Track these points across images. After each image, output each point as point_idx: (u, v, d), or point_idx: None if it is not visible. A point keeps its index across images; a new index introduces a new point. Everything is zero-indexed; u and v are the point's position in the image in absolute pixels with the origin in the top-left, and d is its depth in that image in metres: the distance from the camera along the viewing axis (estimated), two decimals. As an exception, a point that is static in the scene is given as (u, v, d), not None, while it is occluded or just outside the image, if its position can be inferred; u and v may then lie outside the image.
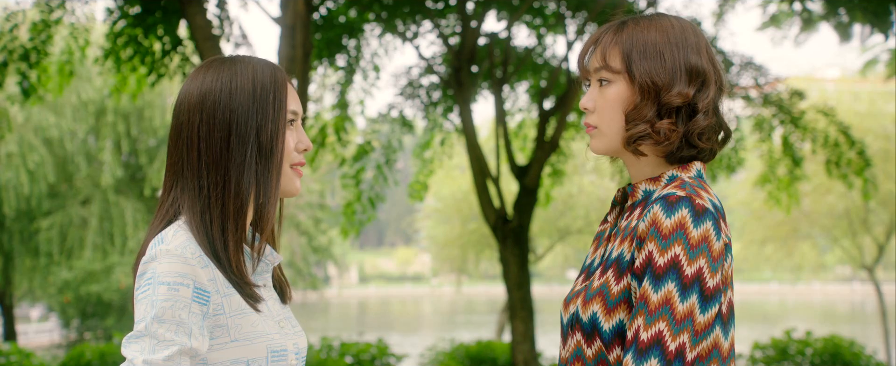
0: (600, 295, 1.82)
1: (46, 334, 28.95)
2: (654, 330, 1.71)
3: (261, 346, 1.78)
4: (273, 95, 1.83)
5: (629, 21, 1.91)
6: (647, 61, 1.85)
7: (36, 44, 8.34)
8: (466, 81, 9.31)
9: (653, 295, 1.72)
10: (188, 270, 1.73)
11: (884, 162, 16.84)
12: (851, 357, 10.40)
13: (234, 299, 1.77)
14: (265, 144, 1.80)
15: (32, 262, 17.89)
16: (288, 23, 7.08)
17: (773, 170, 10.95)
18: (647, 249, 1.75)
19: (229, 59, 1.86)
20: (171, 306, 1.70)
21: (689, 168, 1.88)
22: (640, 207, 1.86)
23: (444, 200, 22.95)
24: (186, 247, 1.75)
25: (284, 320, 1.89)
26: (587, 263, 1.96)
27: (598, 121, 1.89)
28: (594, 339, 1.82)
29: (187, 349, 1.70)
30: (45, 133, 16.51)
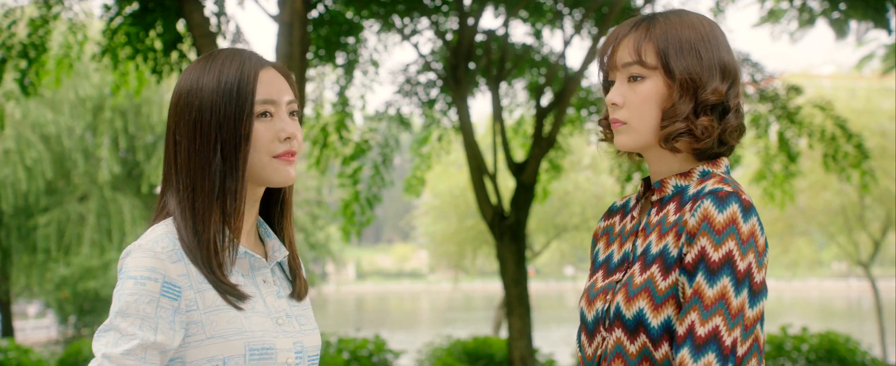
0: (647, 291, 1.81)
1: (44, 330, 28.95)
2: (711, 325, 1.72)
3: (237, 343, 1.76)
4: (237, 88, 1.80)
5: (657, 17, 1.89)
6: (684, 58, 1.85)
7: (34, 40, 8.34)
8: (463, 79, 9.33)
9: (708, 290, 1.73)
10: (157, 265, 1.73)
11: (880, 159, 16.87)
12: (847, 353, 10.45)
13: (209, 295, 1.76)
14: (228, 141, 1.79)
15: (30, 258, 17.89)
16: (285, 20, 7.10)
17: (769, 166, 10.99)
18: (699, 245, 1.76)
19: (207, 56, 1.86)
20: (135, 300, 1.71)
21: (718, 164, 1.89)
22: (674, 203, 1.87)
23: (441, 196, 22.97)
24: (158, 242, 1.76)
25: (287, 317, 1.85)
26: (602, 259, 1.97)
27: (629, 116, 1.86)
28: (638, 335, 1.81)
29: (149, 344, 1.69)
30: (43, 129, 16.52)
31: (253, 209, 1.89)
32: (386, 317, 41.60)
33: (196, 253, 1.77)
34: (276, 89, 1.83)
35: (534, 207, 11.60)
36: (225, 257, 1.79)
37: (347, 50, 9.94)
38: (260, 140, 1.80)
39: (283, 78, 1.87)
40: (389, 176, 10.79)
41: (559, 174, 11.88)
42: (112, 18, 8.18)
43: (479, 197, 9.42)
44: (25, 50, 8.27)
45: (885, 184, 17.05)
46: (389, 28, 9.98)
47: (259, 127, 1.80)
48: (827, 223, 19.66)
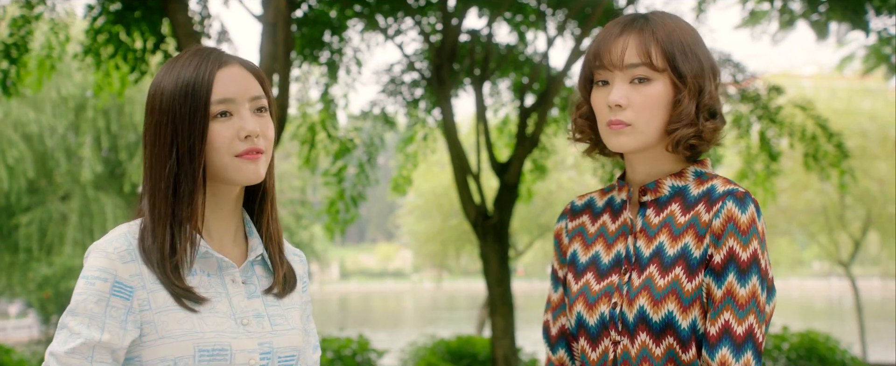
0: (674, 293, 1.80)
1: (25, 330, 28.80)
2: (747, 324, 1.76)
3: (187, 344, 1.75)
4: (192, 88, 1.78)
5: (650, 18, 1.88)
6: (688, 62, 1.85)
7: (16, 39, 8.29)
8: (447, 79, 9.35)
9: (740, 290, 1.76)
10: (108, 265, 1.75)
11: (860, 159, 17.02)
12: (827, 352, 10.54)
13: (161, 295, 1.76)
14: (183, 143, 1.78)
15: (12, 258, 17.81)
16: (269, 20, 7.11)
17: (751, 166, 11.06)
18: (727, 246, 1.78)
19: (174, 58, 1.86)
20: (84, 299, 1.74)
21: (705, 164, 1.91)
22: (676, 203, 1.87)
23: (424, 196, 23.00)
24: (112, 242, 1.78)
25: (256, 317, 1.83)
26: (585, 261, 1.94)
27: (635, 118, 1.84)
28: (664, 337, 1.81)
29: (95, 342, 1.71)
30: (25, 129, 16.45)
31: (229, 209, 1.88)
32: (369, 316, 41.58)
33: (151, 255, 1.77)
34: (235, 87, 1.80)
35: (517, 206, 11.64)
36: (183, 259, 1.78)
37: (331, 49, 9.95)
38: (218, 140, 1.79)
39: (249, 74, 1.84)
40: (374, 175, 10.81)
41: (543, 175, 11.92)
42: (95, 18, 8.14)
43: (463, 197, 9.44)
44: (7, 50, 8.21)
45: (865, 184, 17.20)
46: (373, 28, 9.99)
47: (217, 127, 1.79)
48: (808, 223, 19.80)
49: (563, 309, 2.01)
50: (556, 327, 2.02)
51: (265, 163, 1.83)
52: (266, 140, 1.82)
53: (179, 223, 1.79)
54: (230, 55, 1.86)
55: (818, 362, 10.52)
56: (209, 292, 1.81)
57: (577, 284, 1.93)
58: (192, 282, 1.80)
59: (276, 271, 1.91)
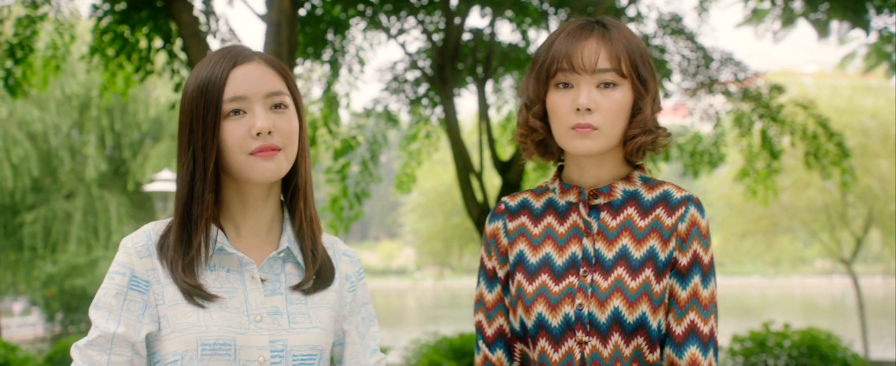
0: (646, 295, 1.84)
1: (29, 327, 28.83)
2: (711, 324, 1.88)
3: (191, 337, 1.76)
4: (206, 88, 1.79)
5: (608, 24, 1.89)
6: (647, 69, 1.89)
7: (21, 39, 8.31)
8: (450, 78, 9.39)
9: (703, 291, 1.87)
10: (126, 260, 1.80)
11: (862, 157, 17.04)
12: (828, 349, 10.53)
13: (171, 290, 1.78)
14: (197, 143, 1.79)
15: (17, 256, 17.87)
16: (273, 20, 7.13)
17: (753, 164, 11.09)
18: (692, 249, 1.87)
19: (206, 56, 1.87)
20: (104, 293, 1.80)
21: (644, 169, 1.97)
22: (632, 207, 1.91)
23: (427, 194, 23.03)
24: (134, 238, 1.83)
25: (273, 314, 1.81)
26: (535, 262, 1.93)
27: (602, 122, 1.85)
28: (635, 338, 1.85)
29: (111, 335, 1.76)
30: (29, 127, 16.52)
31: (258, 205, 1.86)
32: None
33: (165, 251, 1.80)
34: (248, 85, 1.79)
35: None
36: (197, 256, 1.79)
37: (334, 48, 9.98)
38: (231, 138, 1.78)
39: (270, 71, 1.83)
40: (377, 173, 10.86)
41: (545, 173, 11.95)
42: (101, 18, 8.17)
43: (466, 195, 9.48)
44: (12, 49, 8.23)
45: (867, 182, 17.22)
46: (376, 27, 10.03)
47: (230, 126, 1.78)
48: (810, 221, 19.82)
49: (501, 309, 2.00)
50: (492, 328, 2.01)
51: (285, 159, 1.80)
52: (283, 136, 1.80)
53: (194, 221, 1.80)
54: (253, 52, 1.85)
55: (819, 360, 10.52)
56: (224, 288, 1.81)
57: (531, 285, 1.92)
58: (208, 278, 1.81)
59: (307, 268, 1.88)
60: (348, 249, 2.00)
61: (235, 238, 1.86)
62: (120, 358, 1.77)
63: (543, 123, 1.93)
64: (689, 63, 10.42)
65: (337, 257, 1.95)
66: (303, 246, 1.88)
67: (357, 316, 1.96)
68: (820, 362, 10.51)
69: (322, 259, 1.90)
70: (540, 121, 1.92)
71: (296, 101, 1.85)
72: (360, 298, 1.98)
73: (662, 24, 10.23)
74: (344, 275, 1.94)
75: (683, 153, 11.32)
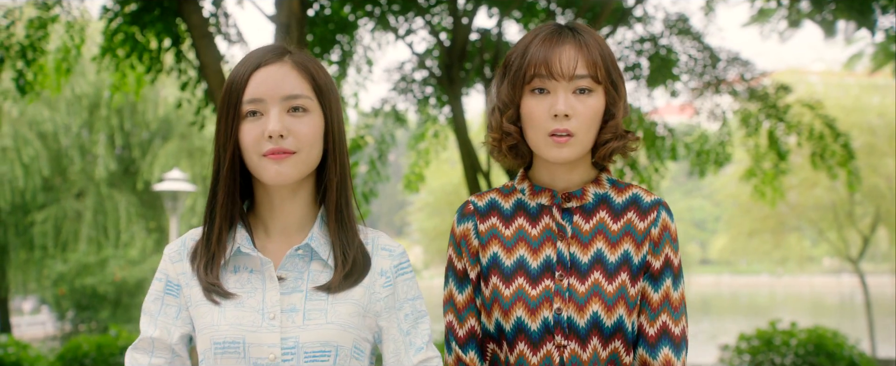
0: (623, 299, 1.86)
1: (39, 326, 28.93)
2: (682, 325, 1.90)
3: (206, 337, 1.80)
4: (229, 90, 1.81)
5: (580, 30, 1.90)
6: (617, 74, 1.90)
7: (32, 41, 8.37)
8: (457, 78, 9.44)
9: (674, 293, 1.90)
10: (163, 266, 1.89)
11: (868, 156, 17.03)
12: (835, 348, 10.55)
13: (195, 291, 1.83)
14: (219, 141, 1.83)
15: (27, 255, 17.95)
16: (282, 21, 7.17)
17: (759, 164, 11.11)
18: (664, 253, 1.90)
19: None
20: (147, 298, 1.90)
21: (609, 172, 1.99)
22: (603, 211, 1.92)
23: (435, 193, 23.10)
24: (172, 244, 1.91)
25: (287, 312, 1.80)
26: (510, 264, 1.91)
27: (578, 128, 1.85)
28: (612, 341, 1.86)
29: (149, 339, 1.85)
30: (40, 127, 16.58)
31: (285, 204, 1.87)
32: (380, 313, 41.55)
33: (193, 252, 1.86)
34: (266, 87, 1.79)
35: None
36: (217, 254, 1.82)
37: (342, 48, 10.03)
38: (246, 139, 1.79)
39: (295, 73, 1.82)
40: (385, 172, 10.91)
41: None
42: (111, 19, 8.23)
43: (473, 194, 9.52)
44: (23, 51, 8.28)
45: (874, 181, 17.21)
46: (385, 27, 10.08)
47: (246, 127, 1.79)
48: (817, 220, 19.81)
49: (472, 310, 1.98)
50: (464, 328, 1.99)
51: (295, 163, 1.80)
52: (299, 140, 1.79)
53: (213, 220, 1.84)
54: (284, 53, 1.84)
55: (826, 359, 10.54)
56: (245, 288, 1.82)
57: (508, 288, 1.90)
58: (231, 280, 1.83)
59: (336, 267, 1.85)
60: (390, 244, 1.96)
61: (264, 238, 1.88)
62: (160, 360, 1.85)
63: (517, 127, 1.92)
64: (695, 63, 10.44)
65: (375, 252, 1.92)
66: (333, 243, 1.86)
67: (398, 313, 1.90)
68: (826, 360, 10.53)
69: (355, 259, 1.86)
70: (513, 125, 1.91)
71: (323, 103, 1.84)
72: (401, 293, 1.92)
73: (669, 25, 10.25)
74: (378, 270, 1.90)
75: (690, 152, 11.34)
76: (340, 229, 1.87)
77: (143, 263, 19.02)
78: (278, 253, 1.86)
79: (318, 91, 1.83)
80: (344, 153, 1.90)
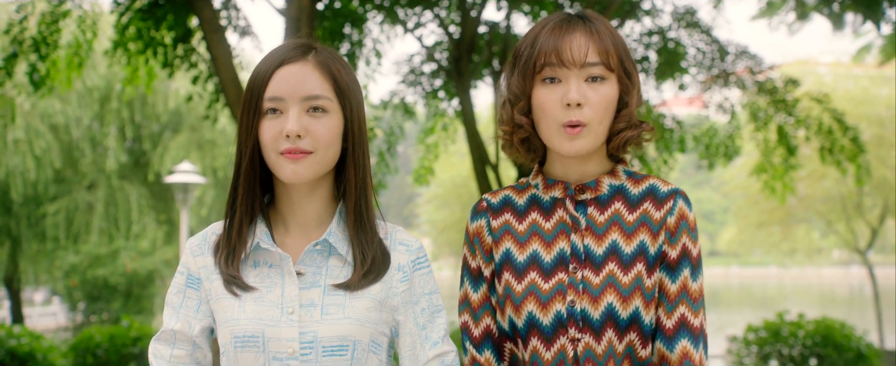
0: (639, 290, 1.81)
1: (50, 317, 29.10)
2: (700, 317, 1.83)
3: (226, 331, 1.82)
4: (252, 86, 1.82)
5: (591, 17, 1.86)
6: (630, 62, 1.86)
7: (45, 35, 8.42)
8: (466, 71, 9.48)
9: (693, 284, 1.83)
10: (185, 260, 1.92)
11: (877, 147, 17.01)
12: (842, 339, 10.60)
13: (216, 285, 1.86)
14: (241, 134, 1.84)
15: (39, 246, 18.05)
16: (293, 15, 7.22)
17: (769, 158, 11.11)
18: (681, 243, 1.84)
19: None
20: (170, 291, 1.93)
21: (626, 162, 1.93)
22: (619, 202, 1.87)
23: (444, 185, 23.14)
24: (194, 238, 1.93)
25: (306, 306, 1.82)
26: (523, 259, 1.88)
27: (591, 118, 1.80)
28: (628, 334, 1.81)
29: (170, 331, 1.89)
30: (51, 119, 16.66)
31: (304, 200, 1.88)
32: (389, 304, 41.63)
33: (216, 245, 1.89)
34: (287, 86, 1.79)
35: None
36: (239, 249, 1.84)
37: (351, 42, 10.08)
38: (265, 137, 1.80)
39: (316, 73, 1.82)
40: (394, 164, 10.97)
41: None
42: (122, 13, 8.29)
43: (482, 186, 9.58)
44: (36, 45, 8.34)
45: (882, 172, 17.20)
46: (394, 20, 10.13)
47: (266, 124, 1.80)
48: (825, 211, 19.80)
49: (487, 309, 1.95)
50: (479, 328, 1.96)
51: (310, 164, 1.81)
52: (316, 141, 1.80)
53: (234, 214, 1.87)
54: (308, 50, 1.85)
55: (833, 350, 10.59)
56: (264, 283, 1.84)
57: (520, 283, 1.87)
58: (251, 275, 1.85)
59: (356, 265, 1.86)
60: (408, 239, 1.96)
61: (284, 233, 1.90)
62: (181, 351, 1.89)
63: (529, 119, 1.87)
64: (704, 56, 10.46)
65: (393, 247, 1.92)
66: (351, 239, 1.87)
67: (415, 307, 1.91)
68: (834, 351, 10.57)
69: (374, 257, 1.87)
70: (525, 117, 1.87)
71: (343, 103, 1.84)
72: (418, 288, 1.92)
73: (677, 18, 10.27)
74: (396, 265, 1.90)
75: (699, 144, 11.36)
76: (360, 229, 1.87)
77: (153, 254, 19.11)
78: (297, 248, 1.87)
79: (339, 92, 1.83)
80: (365, 153, 1.90)
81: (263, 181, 1.89)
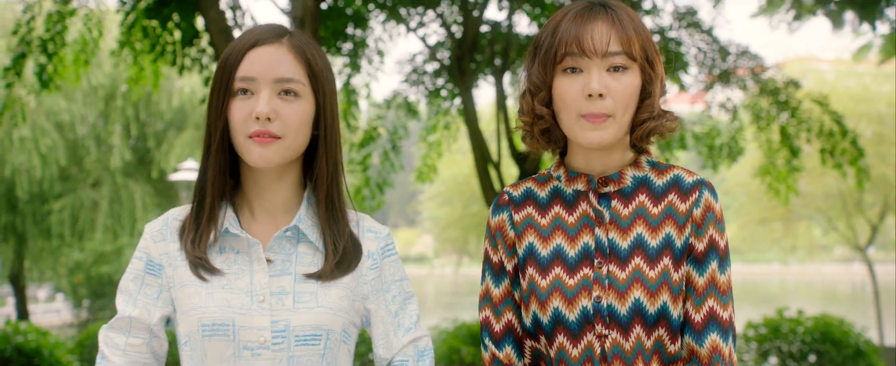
0: (666, 284, 1.76)
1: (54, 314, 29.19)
2: (729, 310, 1.79)
3: (192, 318, 1.75)
4: (222, 66, 1.77)
5: (613, 5, 1.80)
6: (653, 51, 1.80)
7: (52, 34, 8.48)
8: (468, 70, 9.56)
9: (721, 277, 1.78)
10: (144, 245, 1.84)
11: (877, 145, 17.07)
12: (841, 336, 10.66)
13: (181, 271, 1.79)
14: (210, 115, 1.79)
15: (44, 243, 18.14)
16: (297, 15, 7.30)
17: (772, 160, 11.16)
18: (708, 234, 1.78)
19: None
20: (125, 277, 1.85)
21: (649, 152, 1.88)
22: (643, 194, 1.82)
23: (446, 182, 23.22)
24: (152, 223, 1.86)
25: (277, 294, 1.77)
26: (546, 254, 1.83)
27: (614, 108, 1.75)
28: (656, 329, 1.76)
29: (126, 318, 1.80)
30: (57, 117, 16.75)
31: (271, 186, 1.84)
32: (392, 301, 41.67)
33: (182, 231, 1.82)
34: (259, 67, 1.75)
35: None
36: (207, 232, 1.78)
37: (354, 41, 10.15)
38: (235, 119, 1.76)
39: (289, 55, 1.78)
40: (398, 162, 11.06)
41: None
42: (128, 13, 8.36)
43: (484, 184, 9.66)
44: (44, 45, 8.40)
45: (882, 170, 17.26)
46: (396, 20, 10.20)
47: (236, 105, 1.76)
48: (826, 208, 19.86)
49: (509, 304, 1.90)
50: (500, 323, 1.90)
51: (278, 149, 1.76)
52: (286, 125, 1.76)
53: (203, 196, 1.81)
54: (283, 33, 1.81)
55: (832, 346, 10.65)
56: (231, 268, 1.78)
57: (544, 278, 1.82)
58: (216, 259, 1.79)
59: (327, 253, 1.82)
60: (375, 226, 1.92)
61: (250, 219, 1.85)
62: (137, 340, 1.81)
63: (550, 110, 1.82)
64: (704, 56, 10.53)
65: (361, 235, 1.89)
66: (322, 228, 1.83)
67: (386, 294, 1.88)
68: (833, 348, 10.63)
69: (346, 247, 1.83)
70: (546, 108, 1.82)
71: (316, 89, 1.80)
72: (388, 275, 1.89)
73: (678, 17, 10.34)
74: (366, 252, 1.87)
75: (699, 143, 11.43)
76: (331, 218, 1.83)
77: (157, 251, 19.17)
78: (265, 234, 1.83)
79: (312, 76, 1.80)
80: (336, 141, 1.85)
81: (231, 165, 1.85)
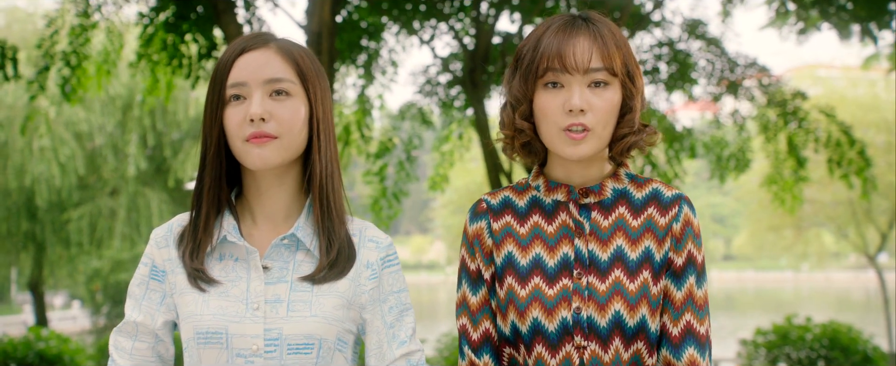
0: (645, 298, 1.76)
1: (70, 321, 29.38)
2: (706, 325, 1.79)
3: (188, 326, 1.76)
4: (216, 72, 1.78)
5: (594, 19, 1.80)
6: (634, 66, 1.81)
7: (75, 47, 8.66)
8: (480, 81, 9.70)
9: (698, 292, 1.79)
10: (149, 251, 1.86)
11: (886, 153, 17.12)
12: (849, 342, 10.74)
13: (180, 278, 1.80)
14: (206, 124, 1.80)
15: (63, 251, 18.31)
16: (314, 29, 7.45)
17: (779, 170, 11.26)
18: (687, 249, 1.80)
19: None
20: (132, 282, 1.88)
21: (627, 166, 1.88)
22: (623, 206, 1.83)
23: (458, 191, 23.39)
24: (158, 230, 1.87)
25: (271, 302, 1.76)
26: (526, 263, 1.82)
27: (595, 123, 1.74)
28: (635, 342, 1.77)
29: (132, 323, 1.83)
30: (76, 127, 16.95)
31: (271, 191, 1.84)
32: (404, 308, 41.74)
33: (182, 239, 1.83)
34: (249, 71, 1.76)
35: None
36: (204, 242, 1.79)
37: (368, 52, 10.31)
38: (229, 124, 1.76)
39: (277, 57, 1.79)
40: (413, 172, 11.21)
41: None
42: (147, 26, 8.55)
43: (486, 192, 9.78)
44: (67, 58, 8.58)
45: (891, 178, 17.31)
46: (410, 32, 10.36)
47: (230, 112, 1.76)
48: (836, 216, 19.88)
49: (486, 312, 1.88)
50: (478, 332, 1.87)
51: (276, 148, 1.77)
52: (280, 124, 1.76)
53: (200, 206, 1.82)
54: (269, 39, 1.82)
55: (840, 353, 10.72)
56: (229, 276, 1.79)
57: (523, 288, 1.81)
58: (216, 268, 1.80)
59: (320, 258, 1.81)
60: (378, 236, 1.90)
61: (251, 225, 1.85)
62: (143, 344, 1.83)
63: (530, 124, 1.82)
64: (713, 67, 10.65)
65: (362, 244, 1.86)
66: (319, 234, 1.82)
67: (383, 305, 1.86)
68: (841, 354, 10.72)
69: (340, 248, 1.82)
70: (526, 121, 1.81)
71: (307, 88, 1.80)
72: (386, 286, 1.87)
73: (687, 29, 10.47)
74: (364, 262, 1.84)
75: (709, 152, 11.55)
76: (326, 218, 1.82)
77: (173, 259, 19.32)
78: (264, 242, 1.83)
79: (302, 76, 1.80)
80: (330, 141, 1.85)
81: (232, 175, 1.86)
